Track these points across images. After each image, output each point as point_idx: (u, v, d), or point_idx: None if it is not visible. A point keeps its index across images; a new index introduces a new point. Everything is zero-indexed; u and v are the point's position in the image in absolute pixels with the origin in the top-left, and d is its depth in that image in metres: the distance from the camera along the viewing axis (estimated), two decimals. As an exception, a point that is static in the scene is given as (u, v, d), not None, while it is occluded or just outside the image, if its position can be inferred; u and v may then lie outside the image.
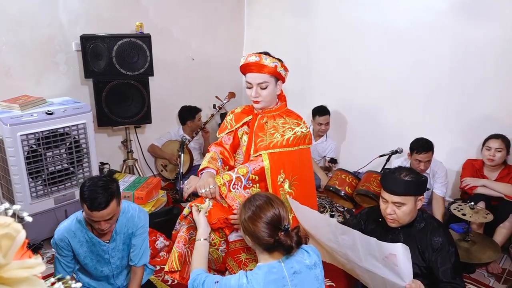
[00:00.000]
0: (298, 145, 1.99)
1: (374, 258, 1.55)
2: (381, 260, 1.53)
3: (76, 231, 1.92)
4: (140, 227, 2.01)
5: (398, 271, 1.51)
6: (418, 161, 3.07)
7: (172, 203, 3.63)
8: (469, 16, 3.18)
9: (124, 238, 2.01)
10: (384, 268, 1.54)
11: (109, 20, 3.52)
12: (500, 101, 3.17)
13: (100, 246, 1.96)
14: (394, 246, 1.46)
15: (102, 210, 1.73)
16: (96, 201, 1.71)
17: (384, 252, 1.50)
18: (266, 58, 1.93)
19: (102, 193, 1.72)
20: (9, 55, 3.03)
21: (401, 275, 1.51)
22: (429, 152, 3.07)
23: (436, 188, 3.19)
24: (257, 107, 2.03)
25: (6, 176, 2.79)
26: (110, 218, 1.80)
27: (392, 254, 1.48)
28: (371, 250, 1.54)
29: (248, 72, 1.96)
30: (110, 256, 1.99)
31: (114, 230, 1.96)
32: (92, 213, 1.74)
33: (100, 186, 1.74)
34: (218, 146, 2.14)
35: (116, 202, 1.80)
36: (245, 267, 1.88)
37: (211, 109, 4.32)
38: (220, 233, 1.83)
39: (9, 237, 0.61)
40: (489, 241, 2.76)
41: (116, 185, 1.85)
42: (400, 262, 1.48)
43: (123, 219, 1.97)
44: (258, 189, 1.93)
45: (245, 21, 4.68)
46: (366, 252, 1.57)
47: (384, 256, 1.50)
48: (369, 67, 3.79)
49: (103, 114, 3.35)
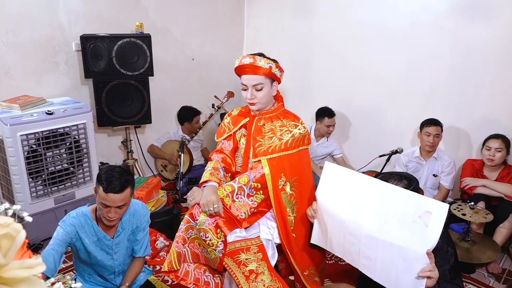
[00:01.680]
0: (297, 146, 1.99)
1: (403, 220, 1.55)
2: (410, 221, 1.53)
3: (84, 224, 1.95)
4: (144, 222, 2.07)
5: (424, 233, 1.51)
6: (427, 134, 3.18)
7: (172, 203, 3.63)
8: (469, 16, 3.18)
9: (128, 234, 2.03)
10: (408, 232, 1.54)
11: (109, 20, 3.52)
12: (500, 101, 3.17)
13: (105, 241, 1.98)
14: (438, 204, 1.50)
15: (117, 193, 1.80)
16: (112, 184, 1.79)
17: (422, 208, 1.51)
18: (260, 59, 1.92)
19: (119, 177, 1.81)
20: (9, 55, 3.03)
21: (425, 239, 1.51)
22: (438, 126, 3.19)
23: (442, 179, 3.26)
24: (253, 109, 2.02)
25: (6, 176, 2.79)
26: (121, 206, 1.85)
27: (428, 212, 1.49)
28: (405, 209, 1.55)
29: (243, 74, 1.96)
30: (113, 251, 2.01)
31: (120, 225, 1.99)
32: (107, 196, 1.80)
33: (118, 172, 1.84)
34: (219, 153, 2.13)
35: (130, 191, 1.87)
36: (245, 267, 1.88)
37: (210, 109, 4.33)
38: (218, 234, 1.83)
39: (9, 237, 0.61)
40: (489, 241, 2.76)
41: (132, 178, 1.93)
42: (434, 223, 1.49)
43: (127, 215, 2.01)
44: (262, 195, 1.93)
45: (245, 21, 4.68)
46: (395, 212, 1.58)
47: (419, 215, 1.51)
48: (369, 67, 3.79)
49: (103, 114, 3.35)
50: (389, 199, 1.62)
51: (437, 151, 3.30)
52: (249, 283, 1.86)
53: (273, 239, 2.00)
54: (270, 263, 1.93)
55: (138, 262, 2.11)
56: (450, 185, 3.25)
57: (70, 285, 0.99)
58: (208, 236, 1.83)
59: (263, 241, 1.95)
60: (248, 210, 1.90)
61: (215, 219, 1.85)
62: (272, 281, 1.90)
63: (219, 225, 1.84)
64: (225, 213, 1.86)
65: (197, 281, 1.94)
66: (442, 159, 3.27)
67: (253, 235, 1.96)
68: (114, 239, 1.99)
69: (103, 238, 1.97)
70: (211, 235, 1.83)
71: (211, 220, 1.85)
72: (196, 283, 1.93)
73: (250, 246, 1.91)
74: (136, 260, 2.11)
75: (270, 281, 1.89)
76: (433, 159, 3.29)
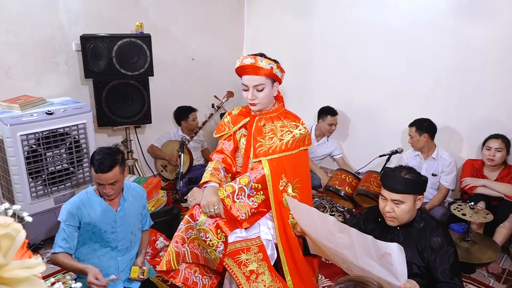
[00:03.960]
0: (297, 147, 1.98)
1: (370, 257, 1.55)
2: (376, 259, 1.53)
3: (91, 199, 2.12)
4: (143, 198, 2.29)
5: (393, 270, 1.51)
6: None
7: (172, 203, 3.63)
8: (469, 16, 3.18)
9: (130, 209, 2.17)
10: (380, 267, 1.54)
11: (109, 20, 3.52)
12: (500, 101, 3.17)
13: (109, 213, 2.12)
14: (389, 245, 1.47)
15: (106, 173, 1.97)
16: (102, 165, 1.97)
17: (379, 251, 1.50)
18: (261, 60, 1.92)
19: (107, 158, 1.99)
20: (9, 55, 3.03)
21: (396, 274, 1.51)
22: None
23: (442, 178, 3.26)
24: (254, 109, 2.02)
25: (6, 176, 2.79)
26: (114, 183, 2.02)
27: (387, 253, 1.48)
28: (367, 249, 1.54)
29: (244, 74, 1.95)
30: (117, 225, 2.13)
31: (121, 198, 2.15)
32: (98, 175, 1.99)
33: (107, 153, 2.02)
34: (219, 153, 2.13)
35: (119, 169, 2.03)
36: (245, 267, 1.88)
37: (210, 109, 4.33)
38: (218, 234, 1.83)
39: (9, 237, 0.61)
40: (489, 241, 2.76)
41: (122, 156, 2.09)
42: (395, 262, 1.48)
43: (127, 192, 2.20)
44: (262, 196, 1.93)
45: (245, 21, 4.68)
46: (362, 251, 1.57)
47: (380, 255, 1.51)
48: (369, 67, 3.79)
49: (103, 114, 3.35)
50: (351, 236, 1.59)
51: (437, 151, 3.30)
52: (249, 284, 1.86)
53: (273, 239, 2.00)
54: (270, 263, 1.93)
55: (146, 234, 2.36)
56: (450, 185, 3.26)
57: (70, 285, 1.00)
58: (208, 236, 1.83)
59: (263, 241, 1.95)
60: (248, 210, 1.90)
61: (216, 220, 1.85)
62: (273, 281, 1.90)
63: (219, 226, 1.84)
64: (225, 213, 1.86)
65: (186, 280, 1.94)
66: (442, 159, 3.27)
67: (253, 235, 1.96)
68: (117, 212, 2.13)
69: (108, 210, 2.11)
70: (212, 235, 1.83)
71: (212, 221, 1.85)
72: (185, 282, 1.94)
73: (250, 247, 1.91)
74: (144, 233, 2.33)
75: (271, 281, 1.89)
76: (432, 159, 3.30)
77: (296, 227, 1.96)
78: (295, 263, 2.01)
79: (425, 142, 3.24)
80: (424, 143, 3.25)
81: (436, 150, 3.30)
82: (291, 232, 1.98)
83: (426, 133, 3.22)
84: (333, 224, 1.63)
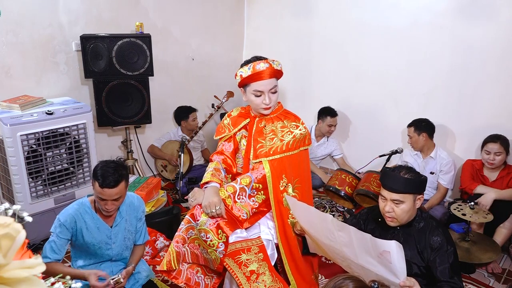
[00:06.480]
0: (298, 147, 1.98)
1: (369, 255, 1.55)
2: (375, 257, 1.53)
3: (84, 214, 2.03)
4: (140, 212, 2.18)
5: (392, 268, 1.51)
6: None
7: (172, 203, 3.63)
8: (469, 16, 3.18)
9: (125, 224, 2.09)
10: (379, 265, 1.54)
11: (109, 20, 3.52)
12: (500, 101, 3.17)
13: (104, 230, 2.05)
14: (388, 243, 1.47)
15: (112, 188, 1.88)
16: (107, 179, 1.87)
17: (378, 249, 1.50)
18: (273, 62, 1.90)
19: (113, 173, 1.89)
20: (9, 55, 3.03)
21: (396, 272, 1.52)
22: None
23: (440, 177, 3.26)
24: (267, 113, 1.99)
25: (6, 176, 2.79)
26: (117, 199, 1.94)
27: (386, 251, 1.48)
28: (366, 247, 1.54)
29: (257, 80, 1.88)
30: (112, 241, 2.07)
31: (118, 214, 2.07)
32: (102, 191, 1.89)
33: (112, 167, 1.92)
34: (220, 154, 2.12)
35: (124, 184, 1.95)
36: (246, 268, 1.88)
37: (210, 109, 4.33)
38: (219, 235, 1.83)
39: (9, 237, 0.61)
40: (489, 241, 2.76)
41: (126, 171, 2.00)
42: (394, 259, 1.48)
43: (124, 206, 2.09)
44: (263, 196, 1.93)
45: (245, 21, 4.68)
46: (361, 249, 1.57)
47: (379, 253, 1.51)
48: (369, 67, 3.79)
49: (103, 114, 3.35)
50: (350, 235, 1.59)
51: (435, 150, 3.30)
52: (250, 284, 1.86)
53: (274, 239, 2.00)
54: (271, 263, 1.93)
55: (140, 248, 2.24)
56: (449, 184, 3.25)
57: (70, 285, 0.99)
58: (209, 236, 1.83)
59: (264, 241, 1.95)
60: (249, 210, 1.90)
61: (216, 220, 1.85)
62: (273, 282, 1.90)
63: (220, 226, 1.84)
64: (227, 213, 1.86)
65: (188, 280, 1.95)
66: (440, 158, 3.27)
67: (253, 236, 1.96)
68: (112, 228, 2.06)
69: (102, 227, 2.04)
70: (212, 235, 1.83)
71: (212, 221, 1.85)
72: (187, 283, 1.94)
73: (251, 247, 1.91)
74: (138, 247, 2.23)
75: (271, 281, 1.89)
76: (430, 158, 3.30)
77: (295, 225, 1.96)
78: (295, 262, 2.01)
79: (424, 141, 3.25)
80: (424, 142, 3.25)
81: (435, 149, 3.30)
82: (291, 231, 1.98)
83: (424, 132, 3.23)
84: (331, 223, 1.63)
